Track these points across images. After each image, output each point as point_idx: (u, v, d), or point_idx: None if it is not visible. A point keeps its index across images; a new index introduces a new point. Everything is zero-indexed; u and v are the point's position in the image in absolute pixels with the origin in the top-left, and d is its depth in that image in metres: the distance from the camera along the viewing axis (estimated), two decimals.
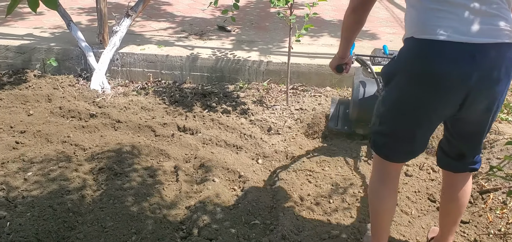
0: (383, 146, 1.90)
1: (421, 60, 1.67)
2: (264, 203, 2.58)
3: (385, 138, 1.88)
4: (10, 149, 3.07)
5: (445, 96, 1.68)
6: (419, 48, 1.67)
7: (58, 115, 3.63)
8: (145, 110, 3.84)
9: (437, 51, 1.62)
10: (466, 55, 1.60)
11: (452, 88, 1.65)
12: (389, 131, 1.86)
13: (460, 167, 1.98)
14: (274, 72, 4.38)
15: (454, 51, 1.60)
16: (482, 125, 1.83)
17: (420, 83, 1.69)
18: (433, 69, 1.64)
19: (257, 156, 3.17)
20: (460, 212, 2.07)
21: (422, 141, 1.87)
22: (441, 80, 1.64)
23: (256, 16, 6.24)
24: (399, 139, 1.85)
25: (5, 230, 2.24)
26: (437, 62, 1.62)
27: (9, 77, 4.47)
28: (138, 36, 5.11)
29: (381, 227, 2.01)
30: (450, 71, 1.62)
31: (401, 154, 1.91)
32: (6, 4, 6.41)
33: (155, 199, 2.58)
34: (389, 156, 1.90)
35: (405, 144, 1.87)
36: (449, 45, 1.60)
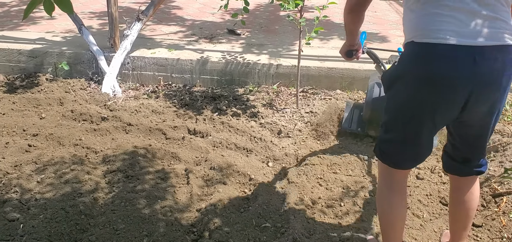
0: (390, 153, 1.89)
1: (422, 63, 1.68)
2: (275, 206, 2.58)
3: (391, 145, 1.88)
4: (23, 152, 3.10)
5: (447, 98, 1.68)
6: (420, 52, 1.68)
7: (70, 119, 3.67)
8: (156, 113, 3.86)
9: (438, 55, 1.63)
10: (467, 58, 1.61)
11: (454, 91, 1.66)
12: (394, 137, 1.86)
13: (466, 170, 1.98)
14: (284, 75, 4.38)
15: (454, 54, 1.61)
16: (484, 128, 1.83)
17: (422, 86, 1.69)
18: (434, 72, 1.65)
19: (267, 159, 3.17)
20: (469, 216, 2.05)
21: (427, 144, 1.86)
22: (443, 83, 1.65)
23: (266, 19, 6.25)
24: (404, 144, 1.85)
25: (18, 232, 2.27)
26: (438, 65, 1.64)
27: (22, 81, 4.52)
28: (149, 40, 5.14)
29: (395, 237, 1.97)
30: (451, 74, 1.63)
31: (408, 160, 1.91)
32: (18, 9, 6.49)
33: (166, 201, 2.59)
34: (396, 163, 1.90)
35: (410, 149, 1.86)
36: (450, 48, 1.61)
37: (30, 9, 1.27)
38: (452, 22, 1.62)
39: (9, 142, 3.21)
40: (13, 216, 2.39)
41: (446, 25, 1.62)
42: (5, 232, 2.26)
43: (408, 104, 1.75)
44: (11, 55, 4.73)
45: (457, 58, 1.61)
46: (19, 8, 6.57)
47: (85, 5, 6.87)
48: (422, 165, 3.03)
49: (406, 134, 1.82)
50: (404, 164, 1.91)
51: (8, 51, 4.73)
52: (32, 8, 1.26)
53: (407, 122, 1.79)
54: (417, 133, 1.80)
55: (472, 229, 2.43)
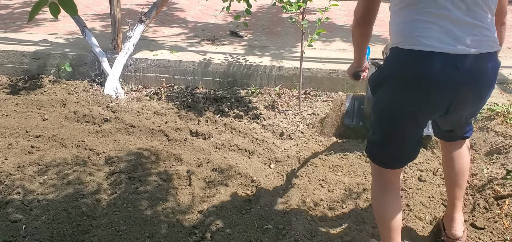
0: (379, 154, 1.95)
1: (404, 69, 1.73)
2: (277, 207, 2.58)
3: (379, 146, 1.93)
4: (26, 153, 3.11)
5: (429, 103, 1.75)
6: (403, 57, 1.73)
7: (72, 120, 3.68)
8: (158, 115, 3.87)
9: (420, 61, 1.67)
10: (449, 65, 1.65)
11: (435, 96, 1.72)
12: (381, 138, 1.91)
13: (453, 137, 2.13)
14: (286, 77, 4.38)
15: (437, 61, 1.65)
16: (467, 118, 2.00)
17: (404, 90, 1.75)
18: (416, 77, 1.70)
19: (270, 160, 3.17)
20: (463, 176, 2.17)
21: (413, 143, 1.92)
22: (425, 88, 1.70)
23: (268, 21, 6.25)
24: (392, 144, 1.90)
25: (20, 232, 2.27)
26: (420, 71, 1.68)
27: (25, 83, 4.54)
28: (151, 41, 5.15)
29: (392, 236, 1.99)
30: (433, 80, 1.67)
31: (396, 160, 1.95)
32: (21, 11, 6.52)
33: (168, 203, 2.59)
34: (386, 163, 1.95)
35: (397, 150, 1.92)
36: (432, 55, 1.65)
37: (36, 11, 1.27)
38: (435, 29, 1.66)
39: (12, 143, 3.22)
40: (15, 217, 2.40)
41: (429, 32, 1.66)
42: (8, 232, 2.27)
43: (391, 107, 1.81)
44: (14, 56, 4.75)
45: (439, 65, 1.65)
46: (23, 10, 6.60)
47: (88, 7, 6.90)
48: (424, 167, 3.02)
49: (391, 136, 1.89)
50: (394, 164, 1.95)
51: (12, 52, 4.75)
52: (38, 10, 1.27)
53: (391, 124, 1.85)
54: (401, 134, 1.86)
55: (474, 231, 2.43)
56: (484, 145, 3.16)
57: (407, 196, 2.76)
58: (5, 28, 5.62)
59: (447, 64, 1.65)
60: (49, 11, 1.28)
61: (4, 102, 4.02)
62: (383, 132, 1.90)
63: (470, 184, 2.83)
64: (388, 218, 1.97)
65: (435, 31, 1.66)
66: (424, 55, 1.66)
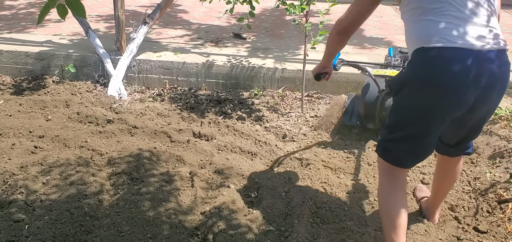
0: (396, 153, 1.99)
1: (432, 67, 1.78)
2: (279, 210, 2.58)
3: (398, 144, 1.97)
4: (29, 153, 3.12)
5: (456, 100, 1.80)
6: (430, 56, 1.78)
7: (75, 121, 3.69)
8: (161, 116, 3.88)
9: (446, 57, 1.75)
10: (474, 61, 1.73)
11: (462, 92, 1.78)
12: (402, 137, 1.95)
13: (456, 152, 2.19)
14: (289, 79, 4.39)
15: (462, 57, 1.73)
16: (483, 120, 2.00)
17: (432, 89, 1.80)
18: (444, 74, 1.75)
19: (272, 162, 3.17)
20: (452, 185, 2.37)
21: (431, 144, 2.00)
22: (452, 85, 1.76)
23: (272, 23, 6.26)
24: (413, 143, 1.95)
25: (23, 232, 2.28)
26: (447, 67, 1.74)
27: (29, 83, 4.55)
28: (155, 43, 5.16)
29: (398, 234, 1.99)
30: (461, 76, 1.74)
31: (411, 160, 2.04)
32: (25, 11, 6.55)
33: (171, 204, 2.60)
34: (399, 161, 2.00)
35: (417, 148, 1.98)
36: (458, 51, 1.73)
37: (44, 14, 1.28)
38: (456, 29, 1.75)
39: (15, 143, 3.23)
40: (18, 217, 2.40)
41: (451, 32, 1.75)
42: (11, 232, 2.28)
43: (419, 105, 1.85)
44: (19, 57, 4.77)
45: (465, 61, 1.73)
46: (27, 11, 6.62)
47: (92, 8, 6.92)
48: (427, 170, 3.02)
49: (416, 134, 1.92)
50: (407, 162, 2.03)
51: (16, 53, 4.77)
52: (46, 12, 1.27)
53: (417, 122, 1.89)
54: (427, 132, 1.91)
55: (477, 235, 2.42)
56: (487, 148, 3.15)
57: (408, 199, 2.76)
58: (10, 28, 5.64)
59: (473, 60, 1.73)
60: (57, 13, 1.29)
61: (8, 102, 4.03)
62: (407, 130, 1.92)
63: (473, 188, 2.82)
64: (395, 217, 1.98)
65: (457, 31, 1.74)
66: (450, 51, 1.73)
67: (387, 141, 2.00)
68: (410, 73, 1.87)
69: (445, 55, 1.74)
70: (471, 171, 3.00)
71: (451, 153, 2.20)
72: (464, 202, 2.71)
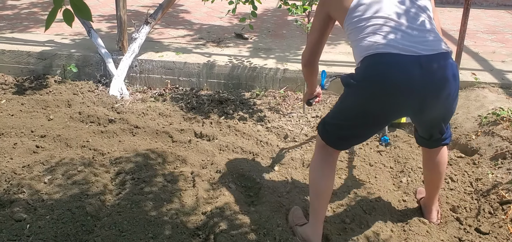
0: (334, 136, 2.17)
1: (373, 72, 1.92)
2: (281, 210, 2.58)
3: (337, 130, 2.15)
4: (31, 153, 3.13)
5: (395, 101, 1.94)
6: (371, 62, 1.92)
7: (77, 121, 3.69)
8: (163, 116, 3.88)
9: (388, 63, 1.88)
10: (414, 66, 1.85)
11: (402, 95, 1.91)
12: (342, 125, 2.12)
13: (433, 144, 2.32)
14: (291, 79, 4.38)
15: (403, 62, 1.86)
16: (440, 118, 2.12)
17: (371, 93, 1.95)
18: (385, 79, 1.89)
19: (273, 163, 3.17)
20: (440, 178, 2.44)
21: (368, 135, 2.25)
22: (393, 89, 1.89)
23: (273, 24, 6.26)
24: (350, 133, 2.14)
25: (25, 232, 2.28)
26: (389, 72, 1.88)
27: (31, 83, 4.56)
28: (157, 43, 5.16)
29: (321, 206, 2.25)
30: (401, 80, 1.87)
31: (346, 145, 2.28)
32: (28, 11, 6.56)
33: (172, 204, 2.60)
34: (336, 145, 2.20)
35: (354, 138, 2.22)
36: (397, 57, 1.86)
37: (52, 19, 1.26)
38: (395, 39, 1.89)
39: (17, 142, 3.23)
40: (20, 216, 2.40)
41: (391, 41, 1.88)
42: (12, 232, 2.28)
43: (357, 105, 2.02)
44: (21, 57, 4.78)
45: (405, 66, 1.86)
46: (29, 11, 6.64)
47: (94, 8, 6.93)
48: None
49: (355, 128, 2.10)
50: (342, 146, 2.25)
51: (18, 53, 4.78)
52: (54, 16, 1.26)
53: (355, 119, 2.06)
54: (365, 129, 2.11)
55: (479, 236, 2.42)
56: (489, 149, 3.15)
57: (410, 199, 2.75)
58: (12, 28, 5.65)
59: (412, 64, 1.86)
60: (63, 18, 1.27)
61: (10, 102, 4.04)
62: (348, 121, 2.10)
63: (475, 189, 2.82)
64: (322, 190, 2.23)
65: (396, 40, 1.88)
66: (389, 57, 1.87)
67: (329, 124, 2.18)
68: (357, 75, 2.02)
69: (386, 61, 1.88)
70: (473, 172, 2.99)
71: (427, 144, 2.34)
72: (466, 203, 2.70)
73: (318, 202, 2.25)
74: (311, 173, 2.28)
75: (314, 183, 2.25)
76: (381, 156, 3.23)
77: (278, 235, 2.31)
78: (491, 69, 4.37)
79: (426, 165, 2.45)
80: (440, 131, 2.24)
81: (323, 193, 2.24)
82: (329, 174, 2.23)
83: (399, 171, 3.06)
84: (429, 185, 2.49)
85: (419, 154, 3.25)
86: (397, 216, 2.61)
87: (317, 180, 2.24)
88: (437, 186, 2.47)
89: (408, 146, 3.36)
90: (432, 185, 2.47)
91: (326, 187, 2.23)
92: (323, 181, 2.22)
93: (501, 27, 6.20)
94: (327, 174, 2.23)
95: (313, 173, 2.26)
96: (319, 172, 2.23)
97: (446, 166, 2.46)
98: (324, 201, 2.25)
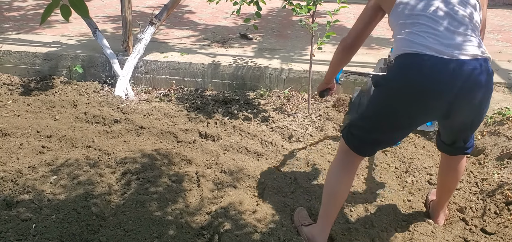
0: (358, 140, 2.11)
1: (406, 71, 1.90)
2: (285, 210, 2.58)
3: (363, 133, 2.09)
4: (37, 153, 3.15)
5: (424, 104, 1.90)
6: (405, 61, 1.91)
7: (83, 121, 3.71)
8: (168, 116, 3.89)
9: (421, 65, 1.85)
10: (447, 69, 1.82)
11: (431, 97, 1.88)
12: (369, 128, 2.07)
13: (454, 151, 2.27)
14: (295, 80, 4.38)
15: (436, 64, 1.82)
16: (470, 124, 2.07)
17: (404, 93, 1.91)
18: (417, 80, 1.86)
19: (278, 163, 3.17)
20: (455, 185, 2.43)
21: (395, 140, 2.21)
22: (424, 91, 1.87)
23: (278, 24, 6.26)
24: (375, 137, 2.08)
25: (31, 231, 2.30)
26: (421, 73, 1.84)
27: (37, 84, 4.59)
28: (162, 44, 5.18)
29: (333, 210, 2.23)
30: (433, 82, 1.84)
31: (371, 151, 2.18)
32: (34, 12, 6.59)
33: (177, 204, 2.60)
34: (360, 150, 2.13)
35: (379, 144, 2.17)
36: (433, 59, 1.83)
37: (48, 14, 1.28)
38: (432, 40, 1.85)
39: (23, 143, 3.25)
40: (26, 216, 2.42)
41: (427, 42, 1.85)
42: (18, 231, 2.29)
43: (386, 105, 1.99)
44: (27, 57, 4.81)
45: (437, 69, 1.83)
46: (35, 12, 6.67)
47: (100, 9, 6.96)
48: (434, 171, 3.00)
49: (382, 130, 2.05)
50: (365, 151, 2.16)
51: (24, 54, 4.81)
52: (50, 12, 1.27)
53: (386, 120, 2.01)
54: (392, 132, 2.06)
55: (484, 236, 2.41)
56: (495, 149, 3.13)
57: (415, 200, 2.74)
58: (18, 29, 5.69)
59: (445, 67, 1.82)
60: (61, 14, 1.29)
61: (16, 102, 4.07)
62: (375, 123, 2.04)
63: (481, 189, 2.81)
64: (338, 196, 2.19)
65: (434, 41, 1.85)
66: (423, 58, 1.84)
67: (355, 126, 2.13)
68: (388, 75, 2.03)
69: (418, 62, 1.85)
70: (479, 172, 2.98)
71: (448, 151, 2.29)
72: (472, 203, 2.69)
73: (331, 206, 2.22)
74: (329, 176, 2.24)
75: (330, 187, 2.22)
76: (386, 156, 3.22)
77: (283, 235, 2.31)
78: (497, 69, 4.35)
79: (443, 171, 2.41)
80: (464, 139, 2.20)
81: (338, 198, 2.20)
82: (347, 180, 2.19)
83: (404, 171, 3.05)
84: (442, 189, 2.46)
85: (424, 154, 3.24)
86: (402, 216, 2.60)
87: (333, 183, 2.20)
88: (450, 191, 2.45)
89: (413, 146, 3.35)
90: (445, 189, 2.44)
91: (341, 193, 2.19)
92: (340, 186, 2.18)
93: (507, 26, 6.17)
94: (345, 181, 2.19)
95: (331, 177, 2.22)
96: (337, 177, 2.19)
97: (462, 174, 2.41)
98: (337, 206, 2.22)
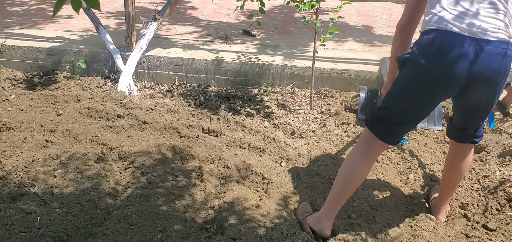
0: (383, 124, 2.15)
1: (430, 46, 1.97)
2: (288, 205, 2.59)
3: (388, 114, 2.14)
4: (41, 147, 3.16)
5: (449, 82, 1.97)
6: (430, 37, 1.98)
7: (86, 116, 3.72)
8: (171, 112, 3.90)
9: (446, 41, 1.92)
10: (468, 46, 1.89)
11: (452, 72, 1.93)
12: (393, 107, 2.12)
13: (464, 138, 2.31)
14: (298, 76, 4.39)
15: (455, 41, 1.90)
16: (481, 106, 2.12)
17: (428, 67, 1.97)
18: (441, 55, 1.93)
19: (281, 158, 3.18)
20: (460, 178, 2.45)
21: (419, 118, 2.19)
22: (447, 66, 1.93)
23: (281, 20, 6.26)
24: (399, 118, 2.13)
25: (35, 224, 2.31)
26: (445, 49, 1.92)
27: (40, 78, 4.60)
28: (165, 39, 5.19)
29: (343, 198, 2.29)
30: (451, 56, 1.91)
31: (397, 135, 2.19)
32: (37, 7, 6.60)
33: (180, 198, 2.62)
34: (385, 136, 2.16)
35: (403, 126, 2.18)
36: (456, 36, 1.91)
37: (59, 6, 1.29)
38: (457, 17, 1.93)
39: (27, 137, 3.27)
40: (30, 209, 2.44)
41: (452, 19, 1.93)
42: (23, 224, 2.31)
43: (410, 80, 2.05)
44: (30, 52, 4.82)
45: (459, 46, 1.90)
46: (38, 7, 6.68)
47: (103, 5, 6.95)
48: (436, 167, 3.02)
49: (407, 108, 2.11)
50: (389, 137, 2.18)
51: (27, 48, 4.82)
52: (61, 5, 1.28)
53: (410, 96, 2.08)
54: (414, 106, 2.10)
55: (486, 232, 2.42)
56: (497, 146, 3.14)
57: (418, 196, 2.76)
58: (21, 24, 5.70)
59: (470, 45, 1.89)
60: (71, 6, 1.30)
61: (20, 97, 4.08)
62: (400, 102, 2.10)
63: (482, 186, 2.82)
64: (352, 183, 2.23)
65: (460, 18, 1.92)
66: (449, 35, 1.92)
67: (381, 109, 2.18)
68: (411, 51, 2.08)
69: (443, 38, 1.93)
70: (481, 169, 2.99)
71: (458, 137, 2.33)
72: (474, 199, 2.71)
73: (343, 192, 2.26)
74: (346, 163, 2.26)
75: (347, 173, 2.23)
76: (388, 152, 3.23)
77: (286, 230, 2.33)
78: None
79: (450, 161, 2.44)
80: (474, 125, 2.25)
81: (352, 186, 2.25)
82: (365, 169, 2.23)
83: (406, 167, 3.06)
84: (446, 184, 2.49)
85: (426, 150, 3.25)
86: (404, 212, 2.62)
87: (350, 171, 2.22)
88: (453, 187, 2.47)
89: (416, 142, 3.36)
90: (449, 183, 2.47)
91: (356, 180, 2.23)
92: (357, 173, 2.21)
93: None
94: (363, 169, 2.22)
95: (350, 165, 2.24)
96: (356, 164, 2.21)
97: (468, 168, 2.44)
98: (348, 193, 2.28)
